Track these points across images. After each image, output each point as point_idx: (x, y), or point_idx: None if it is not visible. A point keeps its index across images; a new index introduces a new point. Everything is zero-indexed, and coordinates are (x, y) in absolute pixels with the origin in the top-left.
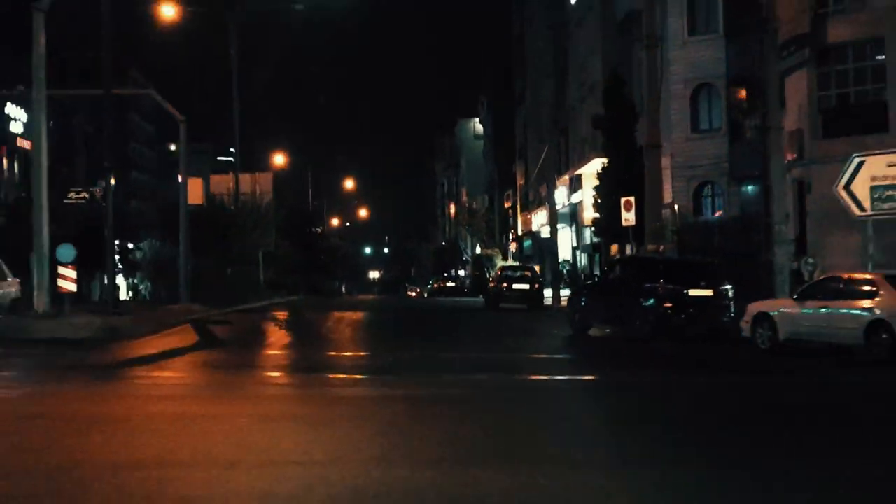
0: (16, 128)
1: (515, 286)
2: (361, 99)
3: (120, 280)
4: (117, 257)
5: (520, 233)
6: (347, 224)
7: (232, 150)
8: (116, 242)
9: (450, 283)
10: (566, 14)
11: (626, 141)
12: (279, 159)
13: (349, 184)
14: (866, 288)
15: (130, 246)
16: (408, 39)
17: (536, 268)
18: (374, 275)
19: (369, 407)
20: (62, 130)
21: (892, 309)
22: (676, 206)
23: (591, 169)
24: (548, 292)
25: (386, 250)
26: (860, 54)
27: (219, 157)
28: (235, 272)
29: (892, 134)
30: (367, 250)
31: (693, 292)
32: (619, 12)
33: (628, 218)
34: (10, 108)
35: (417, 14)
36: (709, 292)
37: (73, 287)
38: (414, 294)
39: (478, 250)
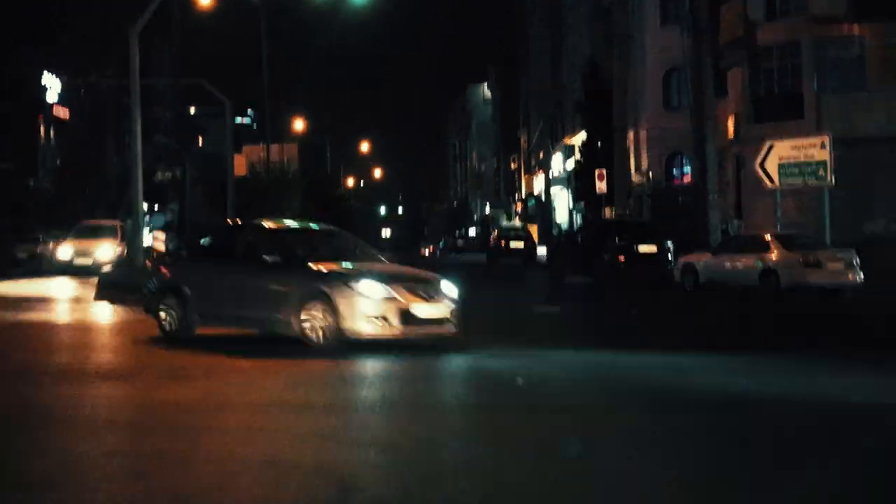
0: (51, 97)
1: (512, 244)
2: (375, 63)
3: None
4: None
5: (524, 194)
6: (362, 183)
7: (250, 112)
8: (145, 205)
9: (459, 242)
10: None
11: (602, 121)
12: (299, 125)
13: (364, 147)
14: (761, 244)
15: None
16: (420, 7)
17: (532, 227)
18: (386, 233)
19: None
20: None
21: (779, 260)
22: (651, 173)
23: (581, 139)
24: (542, 249)
25: (400, 210)
26: (782, 55)
27: (237, 118)
28: None
29: (807, 120)
30: (382, 210)
31: (641, 248)
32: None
33: (601, 186)
34: (46, 78)
35: None
36: (653, 248)
37: (162, 248)
38: (427, 252)
39: (487, 210)
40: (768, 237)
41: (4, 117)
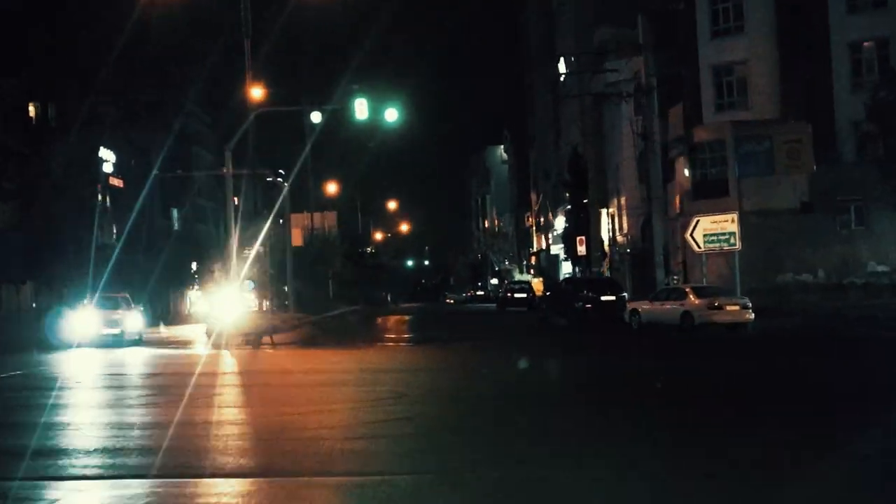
0: (107, 168)
1: (517, 295)
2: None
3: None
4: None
5: (534, 249)
6: (389, 235)
7: (280, 179)
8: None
9: (479, 292)
10: (558, 85)
11: (581, 196)
12: (332, 188)
13: (392, 205)
14: (682, 293)
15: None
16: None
17: (537, 281)
18: (418, 285)
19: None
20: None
21: (692, 305)
22: (629, 236)
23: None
24: None
25: (427, 262)
26: (713, 148)
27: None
28: (316, 290)
29: (732, 197)
30: (409, 263)
31: (603, 297)
32: (595, 90)
33: (581, 250)
34: (103, 152)
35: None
36: (612, 297)
37: (254, 304)
38: (452, 301)
39: (506, 263)
40: (687, 288)
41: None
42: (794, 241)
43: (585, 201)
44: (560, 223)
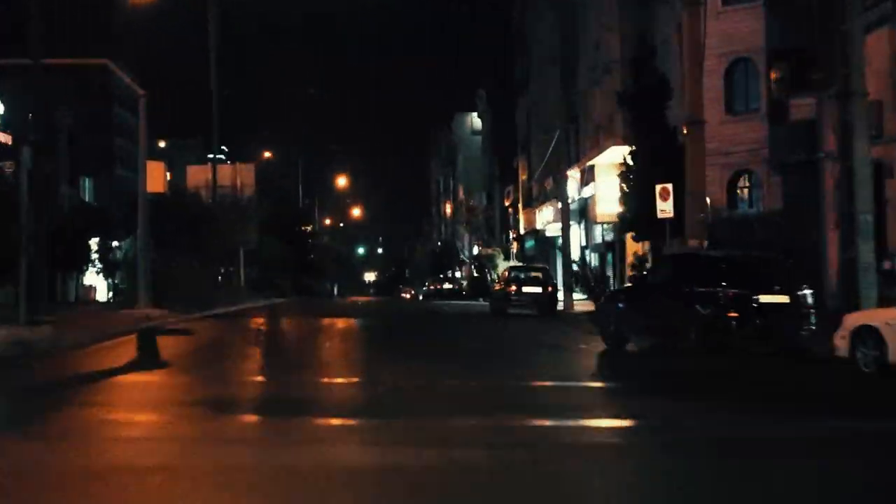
0: None
1: (525, 289)
2: (352, 95)
3: (100, 280)
4: (96, 256)
5: (522, 231)
6: (342, 224)
7: (224, 148)
8: (96, 240)
9: (447, 285)
10: None
11: (656, 121)
12: (266, 153)
13: (342, 181)
14: None
15: (116, 244)
16: (399, 32)
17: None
18: (370, 277)
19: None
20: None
21: None
22: (709, 199)
23: (607, 159)
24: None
25: (380, 251)
26: None
27: (209, 155)
28: (213, 271)
29: None
30: (361, 251)
31: (764, 298)
32: None
33: (665, 209)
34: None
35: (411, 6)
36: (784, 298)
37: None
38: (408, 296)
39: (475, 250)
40: None
41: None
42: None
43: (662, 129)
44: (571, 190)
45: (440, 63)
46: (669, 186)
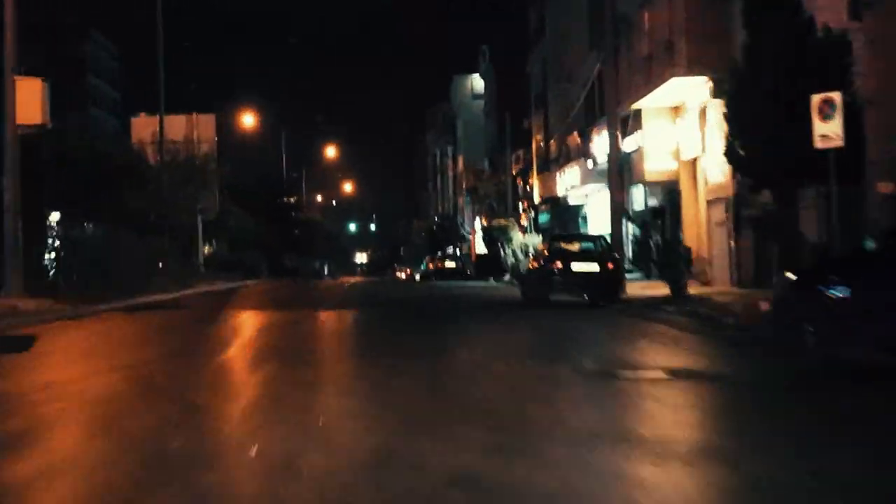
0: None
1: (576, 266)
2: (344, 66)
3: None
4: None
5: (536, 200)
6: (334, 203)
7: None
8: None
9: (449, 264)
10: None
11: (787, 11)
12: (248, 119)
13: (331, 151)
14: None
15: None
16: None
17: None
18: (361, 258)
19: None
20: None
21: None
22: None
23: (659, 99)
24: None
25: (373, 227)
26: None
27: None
28: (156, 246)
29: None
30: (352, 227)
31: None
32: None
33: (829, 133)
34: None
35: None
36: None
37: None
38: (404, 276)
39: (477, 223)
40: None
41: None
42: None
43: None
44: (601, 145)
45: (434, 28)
46: (836, 96)
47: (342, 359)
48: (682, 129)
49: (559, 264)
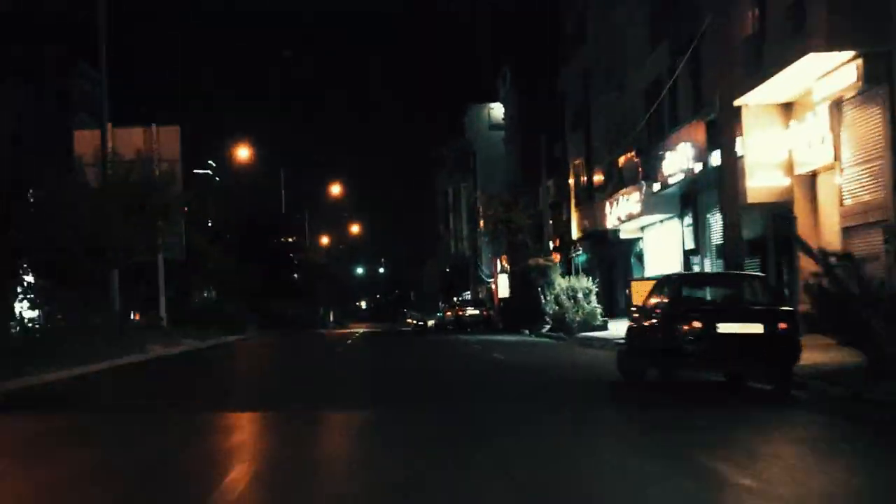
0: None
1: (724, 327)
2: (352, 109)
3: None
4: None
5: (575, 236)
6: (341, 246)
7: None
8: None
9: (471, 311)
10: None
11: None
12: (243, 152)
13: (335, 189)
14: None
15: None
16: (397, 41)
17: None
18: (366, 302)
19: None
20: None
21: None
22: None
23: (768, 94)
24: None
25: (381, 270)
26: None
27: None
28: (95, 295)
29: None
30: (360, 271)
31: None
32: None
33: None
34: None
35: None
36: None
37: None
38: (416, 323)
39: (498, 265)
40: None
41: None
42: None
43: None
44: (673, 163)
45: (444, 68)
46: None
47: None
48: (797, 133)
49: (697, 324)
